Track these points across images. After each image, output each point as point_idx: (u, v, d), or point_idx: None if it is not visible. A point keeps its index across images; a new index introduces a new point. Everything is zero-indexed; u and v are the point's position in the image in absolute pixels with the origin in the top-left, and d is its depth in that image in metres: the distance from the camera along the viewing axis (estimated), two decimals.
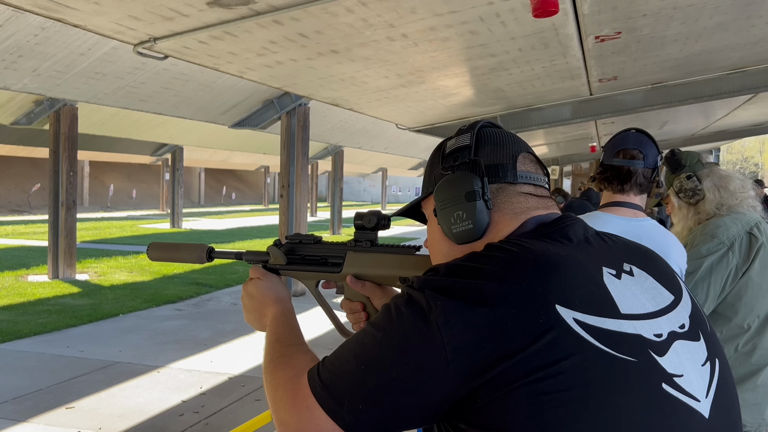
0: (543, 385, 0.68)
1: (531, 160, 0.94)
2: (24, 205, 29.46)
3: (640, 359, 0.73)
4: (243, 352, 6.38)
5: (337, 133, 15.06)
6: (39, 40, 6.88)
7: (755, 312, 1.98)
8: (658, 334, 0.76)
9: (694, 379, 0.76)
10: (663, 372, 0.73)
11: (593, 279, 0.77)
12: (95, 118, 13.04)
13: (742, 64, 6.39)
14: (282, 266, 1.15)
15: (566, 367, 0.69)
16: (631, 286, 0.80)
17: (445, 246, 0.94)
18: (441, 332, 0.72)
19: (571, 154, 17.77)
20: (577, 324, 0.72)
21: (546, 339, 0.70)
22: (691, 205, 2.15)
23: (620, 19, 4.45)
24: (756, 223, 2.05)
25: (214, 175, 43.47)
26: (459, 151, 0.92)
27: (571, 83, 6.46)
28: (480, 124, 0.95)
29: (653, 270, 0.86)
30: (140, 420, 4.53)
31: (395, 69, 5.23)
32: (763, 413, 1.99)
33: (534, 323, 0.71)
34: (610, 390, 0.70)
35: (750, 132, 17.43)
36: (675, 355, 0.76)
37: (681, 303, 0.83)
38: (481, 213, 0.87)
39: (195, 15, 3.55)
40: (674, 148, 2.23)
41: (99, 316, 7.90)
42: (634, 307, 0.77)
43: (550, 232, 0.85)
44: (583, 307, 0.73)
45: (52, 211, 10.59)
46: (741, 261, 1.99)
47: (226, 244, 16.65)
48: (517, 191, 0.91)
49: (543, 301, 0.72)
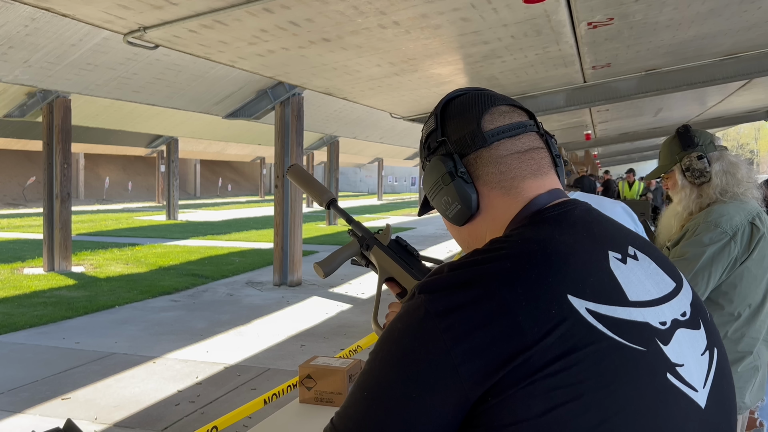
0: (557, 378, 0.66)
1: (502, 112, 0.88)
2: (19, 198, 29.38)
3: (648, 348, 0.70)
4: (239, 342, 6.39)
5: (332, 123, 15.02)
6: (29, 30, 6.83)
7: (747, 301, 1.99)
8: (662, 321, 0.74)
9: (693, 368, 0.74)
10: (668, 361, 0.71)
11: (601, 265, 0.75)
12: (89, 110, 12.99)
13: (735, 50, 6.39)
14: (382, 246, 1.14)
15: (580, 359, 0.66)
16: (636, 271, 0.77)
17: (455, 231, 0.93)
18: (444, 336, 0.68)
19: (566, 142, 17.77)
20: (590, 314, 0.69)
21: (560, 331, 0.67)
22: (695, 186, 2.11)
23: (612, 5, 4.43)
24: (758, 212, 2.03)
25: (210, 167, 43.38)
26: (430, 136, 0.91)
27: (565, 70, 6.45)
28: (443, 101, 0.92)
29: (655, 256, 0.83)
30: (136, 410, 4.54)
31: (388, 57, 5.22)
32: (744, 397, 2.01)
33: (547, 315, 0.68)
34: (622, 381, 0.68)
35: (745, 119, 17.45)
36: (677, 344, 0.74)
37: (682, 290, 0.81)
38: (461, 190, 0.85)
39: (184, 3, 3.53)
40: (688, 125, 2.19)
41: (95, 308, 7.91)
42: (641, 294, 0.75)
43: (554, 215, 0.81)
44: (594, 296, 0.71)
45: (46, 204, 10.56)
46: (741, 251, 1.98)
47: (222, 236, 16.65)
48: (496, 155, 0.85)
49: (554, 291, 0.70)
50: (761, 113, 15.54)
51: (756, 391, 2.05)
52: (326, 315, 7.63)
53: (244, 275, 10.63)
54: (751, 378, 2.01)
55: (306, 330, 6.86)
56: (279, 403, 3.13)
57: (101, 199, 32.77)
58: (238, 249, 13.96)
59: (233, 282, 9.97)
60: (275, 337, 6.52)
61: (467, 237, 0.91)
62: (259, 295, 8.94)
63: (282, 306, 8.20)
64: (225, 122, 11.75)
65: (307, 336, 6.62)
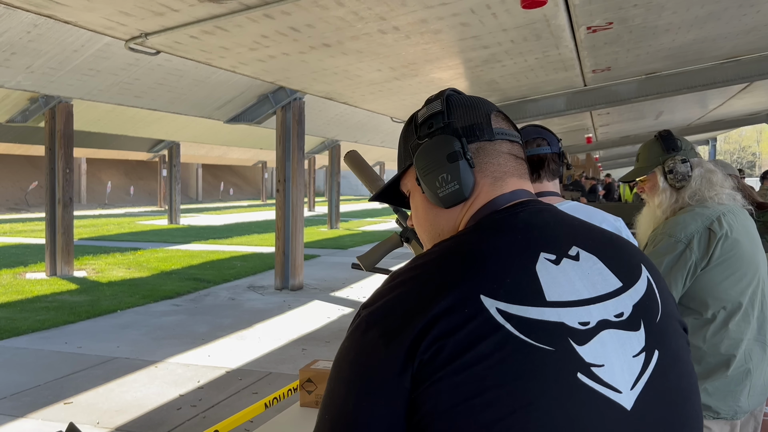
0: (463, 374, 0.69)
1: (503, 118, 0.94)
2: (21, 202, 29.44)
3: (557, 348, 0.72)
4: (240, 346, 6.40)
5: (333, 127, 15.05)
6: (32, 37, 6.87)
7: (720, 304, 2.00)
8: (584, 322, 0.75)
9: (617, 369, 0.74)
10: (580, 361, 0.72)
11: (525, 267, 0.77)
12: (91, 115, 13.03)
13: (735, 54, 6.40)
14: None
15: (485, 356, 0.70)
16: (568, 272, 0.79)
17: (431, 215, 0.93)
18: (380, 342, 0.73)
19: (567, 146, 17.78)
20: (500, 313, 0.72)
21: (468, 328, 0.71)
22: (674, 190, 2.15)
23: (611, 9, 4.46)
24: (718, 216, 2.04)
25: (212, 171, 43.44)
26: (432, 118, 0.92)
27: (565, 74, 6.47)
28: (447, 92, 0.95)
29: (608, 255, 0.84)
30: (138, 414, 4.55)
31: (388, 62, 5.24)
32: (738, 400, 2.01)
33: (459, 314, 0.72)
34: (525, 379, 0.70)
35: (746, 121, 17.45)
36: (599, 345, 0.74)
37: (629, 291, 0.81)
38: (465, 172, 0.88)
39: (185, 10, 3.55)
40: (669, 130, 2.22)
41: (97, 313, 7.92)
42: (564, 294, 0.76)
43: (497, 219, 0.85)
44: (507, 296, 0.73)
45: (49, 209, 10.59)
46: (699, 257, 2.00)
47: (224, 240, 16.67)
48: (497, 150, 0.91)
49: (469, 292, 0.74)
50: (762, 116, 15.53)
51: (755, 394, 2.04)
52: (328, 319, 7.64)
53: (246, 279, 10.64)
54: (743, 381, 2.01)
55: (307, 334, 6.87)
56: (280, 407, 3.13)
57: (103, 203, 32.82)
58: (239, 253, 13.97)
59: (235, 286, 9.99)
60: (277, 341, 6.53)
61: (442, 223, 0.92)
62: (261, 299, 8.95)
63: (283, 310, 8.21)
64: (226, 126, 11.78)
65: (309, 340, 6.62)
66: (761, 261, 2.11)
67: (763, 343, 2.06)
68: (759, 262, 2.09)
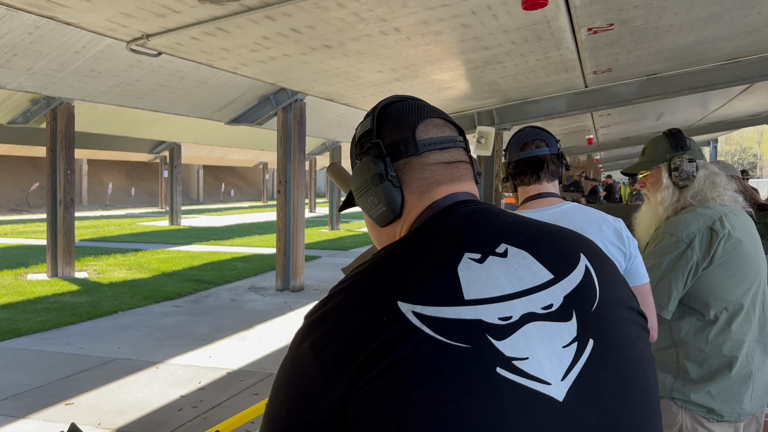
0: (384, 378, 0.71)
1: (436, 124, 0.93)
2: (23, 204, 29.47)
3: (473, 345, 0.72)
4: (241, 347, 6.41)
5: (334, 128, 15.06)
6: (33, 38, 6.88)
7: (722, 304, 2.00)
8: (505, 317, 0.75)
9: (545, 361, 0.73)
10: (499, 356, 0.72)
11: (445, 269, 0.78)
12: (92, 116, 13.05)
13: (735, 55, 6.40)
14: None
15: (402, 359, 0.71)
16: (492, 269, 0.79)
17: (374, 231, 0.98)
18: (311, 353, 0.75)
19: (569, 147, 17.77)
20: (416, 317, 0.73)
21: (386, 334, 0.72)
22: (677, 188, 2.14)
23: (612, 10, 4.46)
24: (719, 216, 2.04)
25: (213, 172, 43.47)
26: (364, 137, 0.95)
27: (566, 75, 6.47)
28: (381, 104, 0.96)
29: (540, 249, 0.83)
30: (139, 415, 4.56)
31: (389, 63, 5.24)
32: (741, 403, 2.00)
33: (378, 320, 0.74)
34: (442, 377, 0.70)
35: (747, 122, 17.44)
36: (523, 338, 0.74)
37: (561, 282, 0.80)
38: (389, 193, 0.90)
39: (187, 11, 3.56)
40: (679, 129, 2.21)
41: (98, 314, 7.93)
42: (485, 292, 0.76)
43: (424, 226, 0.87)
44: (423, 299, 0.75)
45: (50, 210, 10.60)
46: (701, 257, 2.00)
47: (225, 241, 16.69)
48: (422, 163, 0.91)
49: (387, 298, 0.75)
50: (763, 117, 15.53)
51: (758, 396, 2.04)
52: None
53: (247, 280, 10.65)
54: (746, 383, 2.00)
55: None
56: None
57: (104, 204, 32.85)
58: (240, 254, 13.98)
59: (236, 287, 9.99)
60: (278, 342, 6.53)
61: (385, 239, 0.96)
62: (262, 301, 8.96)
63: (284, 311, 8.21)
64: (228, 128, 11.80)
65: None
66: (762, 263, 2.11)
67: (765, 345, 2.06)
68: (760, 264, 2.09)
